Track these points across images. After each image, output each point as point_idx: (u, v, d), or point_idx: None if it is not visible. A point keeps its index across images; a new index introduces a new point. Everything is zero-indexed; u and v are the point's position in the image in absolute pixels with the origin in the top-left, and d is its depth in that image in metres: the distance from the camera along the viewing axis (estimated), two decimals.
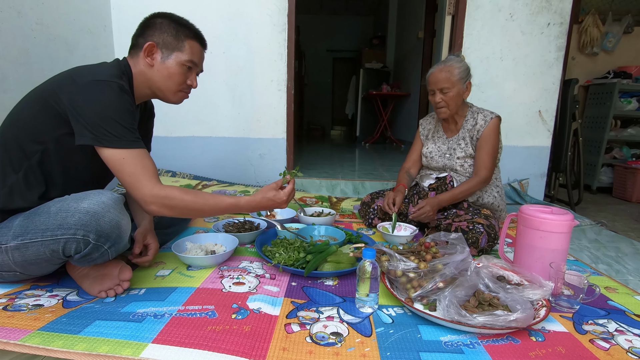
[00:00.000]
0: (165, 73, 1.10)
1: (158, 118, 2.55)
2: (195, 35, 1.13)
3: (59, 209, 0.89)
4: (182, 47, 1.10)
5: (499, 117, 1.61)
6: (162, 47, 1.09)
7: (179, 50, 1.10)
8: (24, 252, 0.90)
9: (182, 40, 1.10)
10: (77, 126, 0.94)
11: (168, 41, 1.09)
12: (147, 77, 1.11)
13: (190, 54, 1.11)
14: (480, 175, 1.57)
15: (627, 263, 1.54)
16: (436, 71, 1.58)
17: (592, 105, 3.58)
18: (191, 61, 1.12)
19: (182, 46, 1.10)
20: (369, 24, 7.79)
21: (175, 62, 1.10)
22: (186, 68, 1.12)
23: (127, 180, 0.98)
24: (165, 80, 1.11)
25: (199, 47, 1.15)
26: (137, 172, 0.97)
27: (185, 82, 1.15)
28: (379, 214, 1.77)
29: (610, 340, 0.90)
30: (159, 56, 1.09)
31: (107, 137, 0.94)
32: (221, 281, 1.12)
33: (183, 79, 1.13)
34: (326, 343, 0.84)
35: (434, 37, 3.53)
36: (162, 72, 1.10)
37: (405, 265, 1.04)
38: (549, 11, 2.44)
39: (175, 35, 1.09)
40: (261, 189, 1.19)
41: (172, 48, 1.09)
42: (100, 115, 0.94)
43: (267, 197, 1.15)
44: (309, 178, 2.64)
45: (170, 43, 1.09)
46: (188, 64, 1.12)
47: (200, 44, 1.15)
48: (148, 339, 0.80)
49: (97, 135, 0.93)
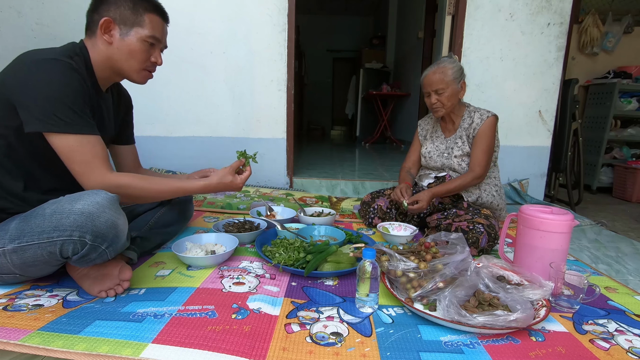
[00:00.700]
0: (126, 50, 1.03)
1: (158, 118, 2.58)
2: (155, 8, 1.06)
3: (53, 211, 0.88)
4: (141, 22, 1.03)
5: (495, 115, 1.62)
6: (119, 23, 1.02)
7: (139, 25, 1.03)
8: (22, 255, 0.90)
9: (141, 14, 1.03)
10: (23, 112, 0.88)
11: (125, 16, 1.01)
12: (107, 57, 1.04)
13: (151, 28, 1.04)
14: (475, 171, 1.58)
15: (627, 263, 1.54)
16: (430, 73, 1.60)
17: (592, 105, 3.58)
18: (153, 37, 1.05)
19: (142, 21, 1.03)
20: (369, 24, 7.79)
21: (135, 39, 1.03)
22: (148, 44, 1.05)
23: (77, 169, 0.94)
24: (126, 58, 1.04)
25: (160, 20, 1.08)
26: (87, 161, 0.93)
27: (149, 59, 1.08)
28: (379, 213, 1.77)
29: (610, 340, 0.90)
30: (117, 33, 1.02)
31: (54, 122, 0.88)
32: (221, 281, 1.12)
33: (146, 56, 1.07)
34: (326, 343, 0.84)
35: (434, 37, 3.53)
36: (123, 49, 1.03)
37: (405, 265, 1.04)
38: (549, 11, 2.44)
39: (132, 9, 1.02)
40: (217, 172, 1.19)
41: (131, 23, 1.02)
42: (47, 97, 0.87)
43: (223, 182, 1.16)
44: (309, 178, 2.64)
45: (128, 18, 1.02)
46: (150, 40, 1.05)
47: (161, 17, 1.08)
48: (148, 339, 0.80)
49: (43, 120, 0.87)
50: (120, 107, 1.27)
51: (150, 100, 2.53)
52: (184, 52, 2.46)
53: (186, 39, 2.44)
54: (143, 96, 2.52)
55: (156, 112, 2.55)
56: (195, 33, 2.44)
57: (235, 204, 2.08)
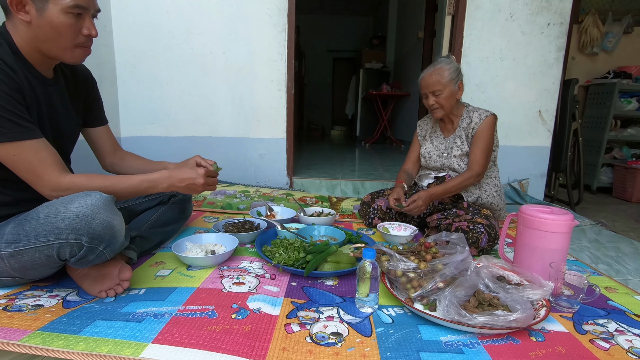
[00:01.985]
0: (48, 27, 0.88)
1: (158, 118, 2.58)
2: None
3: (48, 215, 0.87)
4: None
5: (494, 115, 1.62)
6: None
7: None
8: (20, 259, 0.89)
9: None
10: None
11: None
12: (30, 38, 0.90)
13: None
14: (473, 170, 1.58)
15: (627, 263, 1.53)
16: (426, 75, 1.60)
17: (592, 105, 3.58)
18: (76, 5, 0.88)
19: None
20: (369, 24, 7.79)
21: (56, 11, 0.87)
22: (73, 16, 0.89)
23: (27, 177, 0.89)
24: (52, 36, 0.89)
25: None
26: (33, 168, 0.88)
27: (80, 32, 0.93)
28: (379, 213, 1.77)
29: (610, 340, 0.90)
30: (33, 8, 0.87)
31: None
32: (221, 281, 1.12)
33: (74, 30, 0.91)
34: (326, 343, 0.84)
35: (434, 37, 3.53)
36: (44, 27, 0.88)
37: (405, 265, 1.04)
38: (549, 11, 2.44)
39: None
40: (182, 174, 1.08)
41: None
42: None
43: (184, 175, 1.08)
44: (309, 178, 2.64)
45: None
46: (74, 10, 0.89)
47: None
48: (148, 339, 0.80)
49: None
50: (79, 87, 1.14)
51: (150, 100, 2.54)
52: (184, 52, 2.47)
53: (186, 39, 2.45)
54: (143, 96, 2.54)
55: (156, 112, 2.55)
56: (195, 33, 2.44)
57: (235, 204, 2.08)
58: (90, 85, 1.21)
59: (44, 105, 0.98)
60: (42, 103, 0.97)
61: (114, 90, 2.49)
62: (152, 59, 2.47)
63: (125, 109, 2.54)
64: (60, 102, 1.05)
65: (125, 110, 2.54)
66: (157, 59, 2.48)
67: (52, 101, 1.01)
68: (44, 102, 0.98)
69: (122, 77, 2.50)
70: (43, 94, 0.98)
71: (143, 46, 2.46)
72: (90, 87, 1.21)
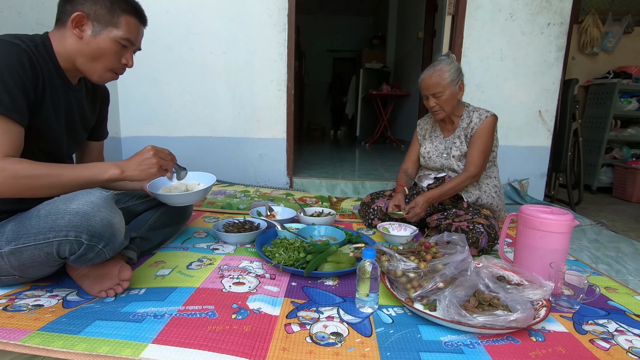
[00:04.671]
0: (95, 48, 0.99)
1: (158, 118, 2.58)
2: (133, 10, 1.03)
3: (48, 212, 0.88)
4: (117, 23, 0.99)
5: (494, 115, 1.61)
6: (93, 20, 0.98)
7: (114, 25, 0.99)
8: (20, 257, 0.90)
9: (118, 15, 0.99)
10: None
11: (101, 14, 0.98)
12: (73, 50, 0.99)
13: (126, 31, 1.01)
14: (469, 171, 1.57)
15: (627, 263, 1.53)
16: (426, 77, 1.59)
17: (592, 105, 3.58)
18: (127, 39, 1.02)
19: (118, 22, 0.99)
20: (369, 24, 7.80)
21: (108, 38, 0.99)
22: (120, 46, 1.02)
23: None
24: (93, 56, 1.00)
25: (136, 23, 1.04)
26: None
27: (119, 61, 1.05)
28: (379, 214, 1.77)
29: (610, 340, 0.90)
30: (89, 29, 0.98)
31: None
32: (221, 281, 1.12)
33: (115, 57, 1.03)
34: (326, 343, 0.84)
35: (434, 37, 3.53)
36: (92, 46, 0.99)
37: (405, 265, 1.04)
38: (549, 11, 2.44)
39: (109, 8, 0.98)
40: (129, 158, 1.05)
41: (106, 22, 0.98)
42: None
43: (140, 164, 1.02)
44: (309, 178, 2.64)
45: (104, 17, 0.98)
46: (123, 42, 1.01)
47: (139, 20, 1.05)
48: (148, 339, 0.80)
49: None
50: (96, 101, 1.22)
51: (150, 100, 2.54)
52: (184, 52, 2.47)
53: (186, 39, 2.45)
54: (143, 96, 2.53)
55: (156, 112, 2.55)
56: (195, 33, 2.44)
57: (235, 204, 2.08)
58: (106, 104, 1.29)
59: (62, 103, 1.04)
60: (62, 100, 1.03)
61: (114, 90, 2.49)
62: (152, 59, 2.47)
63: (125, 109, 2.54)
64: (77, 108, 1.11)
65: (125, 110, 2.54)
66: (157, 59, 2.47)
67: (71, 103, 1.08)
68: (64, 101, 1.04)
69: (122, 77, 2.44)
70: (64, 94, 1.04)
71: (143, 46, 2.45)
72: (106, 106, 1.29)
